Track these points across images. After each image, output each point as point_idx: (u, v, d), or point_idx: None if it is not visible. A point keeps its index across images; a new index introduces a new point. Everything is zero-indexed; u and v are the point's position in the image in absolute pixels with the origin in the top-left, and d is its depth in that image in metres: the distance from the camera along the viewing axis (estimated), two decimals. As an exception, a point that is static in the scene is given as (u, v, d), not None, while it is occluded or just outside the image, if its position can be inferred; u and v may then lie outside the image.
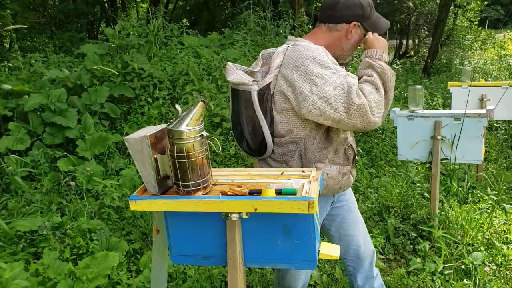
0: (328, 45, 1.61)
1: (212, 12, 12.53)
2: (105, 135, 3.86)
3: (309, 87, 1.45)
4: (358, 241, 1.86)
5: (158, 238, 1.50)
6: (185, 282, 2.36)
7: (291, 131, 1.57)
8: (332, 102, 1.44)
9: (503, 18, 18.67)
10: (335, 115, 1.45)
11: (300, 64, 1.48)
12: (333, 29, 1.62)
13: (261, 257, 1.39)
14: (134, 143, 1.33)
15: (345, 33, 1.62)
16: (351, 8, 1.60)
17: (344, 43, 1.64)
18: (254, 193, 1.31)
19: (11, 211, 2.90)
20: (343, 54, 1.67)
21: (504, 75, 8.31)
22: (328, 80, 1.44)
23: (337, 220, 1.83)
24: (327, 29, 1.63)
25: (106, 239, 2.52)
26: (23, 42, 8.97)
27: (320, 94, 1.44)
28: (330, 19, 1.62)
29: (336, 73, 1.46)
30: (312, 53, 1.48)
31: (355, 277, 1.92)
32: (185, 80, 4.77)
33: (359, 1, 1.61)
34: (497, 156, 4.59)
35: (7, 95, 3.97)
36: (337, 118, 1.45)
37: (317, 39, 1.62)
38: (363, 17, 1.63)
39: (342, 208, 1.83)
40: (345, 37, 1.63)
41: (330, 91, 1.43)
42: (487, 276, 2.43)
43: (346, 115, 1.44)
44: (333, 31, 1.62)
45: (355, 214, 1.87)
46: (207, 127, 4.38)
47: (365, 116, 1.44)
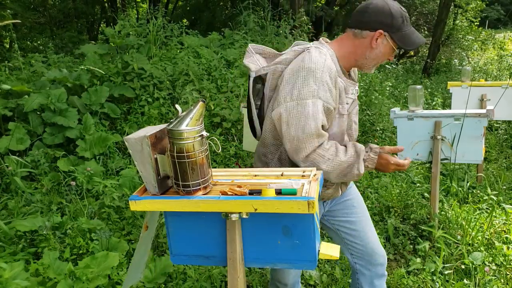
0: (352, 52, 1.59)
1: (212, 12, 12.53)
2: (105, 135, 3.86)
3: (286, 96, 1.49)
4: (366, 237, 1.82)
5: (146, 234, 1.52)
6: (185, 282, 2.36)
7: (274, 130, 1.60)
8: (290, 125, 1.48)
9: (503, 18, 18.67)
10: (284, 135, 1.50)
11: (297, 69, 1.50)
12: (358, 35, 1.57)
13: (261, 257, 1.39)
14: (134, 143, 1.33)
15: (369, 41, 1.56)
16: (379, 15, 1.53)
17: (368, 51, 1.58)
18: (254, 193, 1.31)
19: (11, 211, 2.90)
20: (366, 63, 1.62)
21: (504, 75, 8.31)
22: (303, 100, 1.46)
23: (339, 215, 1.81)
24: (353, 35, 1.59)
25: (106, 239, 2.52)
26: (23, 42, 8.98)
27: (287, 108, 1.48)
28: (356, 24, 1.57)
29: (315, 102, 1.46)
30: (313, 67, 1.47)
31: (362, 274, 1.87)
32: (185, 80, 4.77)
33: (389, 10, 1.53)
34: (497, 156, 4.59)
35: (7, 95, 3.97)
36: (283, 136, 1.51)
37: (342, 46, 1.60)
38: (391, 27, 1.54)
39: (345, 203, 1.81)
40: (369, 45, 1.56)
41: (294, 113, 1.47)
42: (487, 276, 2.43)
43: (288, 142, 1.50)
44: (358, 38, 1.57)
45: (361, 211, 1.84)
46: (207, 127, 4.39)
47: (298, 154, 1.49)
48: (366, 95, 5.40)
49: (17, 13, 8.63)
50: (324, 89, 1.48)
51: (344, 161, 1.52)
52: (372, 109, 5.19)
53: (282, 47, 5.87)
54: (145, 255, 1.60)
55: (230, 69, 5.17)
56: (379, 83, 6.04)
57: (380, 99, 5.44)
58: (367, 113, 5.06)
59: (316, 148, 1.49)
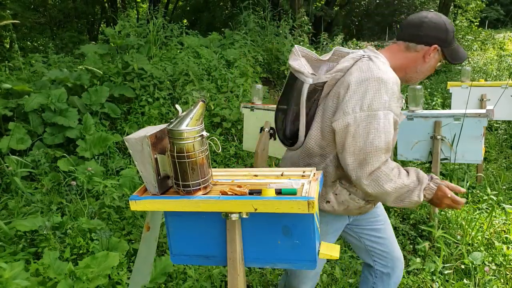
0: (403, 64, 1.57)
1: (212, 12, 12.54)
2: (105, 135, 3.87)
3: (355, 107, 1.41)
4: (391, 244, 1.84)
5: (148, 234, 1.51)
6: (185, 282, 2.36)
7: (321, 140, 1.54)
8: (358, 137, 1.40)
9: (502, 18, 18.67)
10: (348, 147, 1.42)
11: (365, 79, 1.43)
12: (412, 49, 1.56)
13: (261, 257, 1.39)
14: (135, 143, 1.33)
15: (422, 55, 1.56)
16: (436, 30, 1.54)
17: (420, 65, 1.58)
18: (254, 193, 1.31)
19: (11, 211, 2.90)
20: (415, 76, 1.62)
21: (504, 75, 8.31)
22: (374, 112, 1.40)
23: (364, 224, 1.79)
24: (405, 47, 1.57)
25: (106, 239, 2.52)
26: (23, 42, 8.98)
27: (356, 120, 1.40)
28: (411, 37, 1.56)
29: (386, 114, 1.41)
30: (384, 78, 1.43)
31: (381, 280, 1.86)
32: (185, 80, 4.78)
33: (445, 25, 1.54)
34: (497, 156, 4.59)
35: (8, 95, 3.97)
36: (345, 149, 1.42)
37: (394, 57, 1.58)
38: (445, 41, 1.55)
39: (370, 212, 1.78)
40: (422, 59, 1.57)
41: (363, 125, 1.39)
42: (487, 276, 2.44)
43: (352, 155, 1.41)
44: (411, 51, 1.57)
45: (384, 218, 1.85)
46: (207, 127, 4.39)
47: (363, 169, 1.41)
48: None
49: (17, 13, 8.64)
50: (395, 101, 1.45)
51: (406, 184, 1.44)
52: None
53: (282, 47, 5.88)
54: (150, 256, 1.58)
55: (230, 69, 5.17)
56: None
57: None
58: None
59: (382, 165, 1.42)
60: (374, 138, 1.39)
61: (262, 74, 5.69)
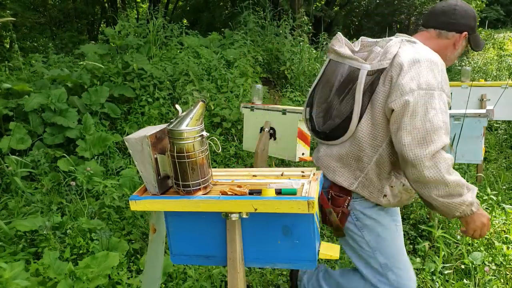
0: (434, 51, 1.55)
1: (212, 12, 12.54)
2: (105, 135, 3.87)
3: (411, 85, 1.38)
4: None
5: (154, 236, 1.51)
6: (185, 282, 2.36)
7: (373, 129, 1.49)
8: (416, 115, 1.36)
9: (503, 18, 18.68)
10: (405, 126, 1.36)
11: (417, 59, 1.41)
12: (443, 36, 1.59)
13: (261, 257, 1.40)
14: (135, 143, 1.33)
15: (453, 42, 1.59)
16: (467, 18, 1.57)
17: (450, 52, 1.60)
18: (254, 193, 1.32)
19: (11, 211, 2.90)
20: (445, 63, 1.58)
21: (504, 75, 8.31)
22: (431, 91, 1.38)
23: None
24: (436, 35, 1.59)
25: (106, 239, 2.52)
26: (23, 42, 8.98)
27: (415, 97, 1.36)
28: (443, 25, 1.58)
29: (440, 94, 1.39)
30: (435, 59, 1.43)
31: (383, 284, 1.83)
32: (185, 80, 4.78)
33: (473, 13, 1.60)
34: (497, 156, 4.59)
35: (8, 95, 3.97)
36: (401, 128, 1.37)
37: (426, 44, 1.56)
38: (473, 29, 1.60)
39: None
40: (453, 46, 1.60)
41: (421, 103, 1.36)
42: (487, 276, 2.44)
43: (409, 134, 1.35)
44: (443, 38, 1.59)
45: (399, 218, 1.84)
46: (207, 127, 4.39)
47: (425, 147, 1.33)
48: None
49: (17, 13, 8.64)
50: (446, 83, 1.45)
51: (462, 182, 1.38)
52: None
53: (282, 47, 5.88)
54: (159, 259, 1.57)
55: (230, 69, 5.17)
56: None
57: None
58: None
59: (444, 148, 1.36)
60: (433, 117, 1.36)
61: (262, 74, 5.69)
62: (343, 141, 1.55)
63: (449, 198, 1.38)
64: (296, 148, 2.96)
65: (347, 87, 1.51)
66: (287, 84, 5.56)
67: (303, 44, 5.94)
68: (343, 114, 1.52)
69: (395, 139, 1.41)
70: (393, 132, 1.42)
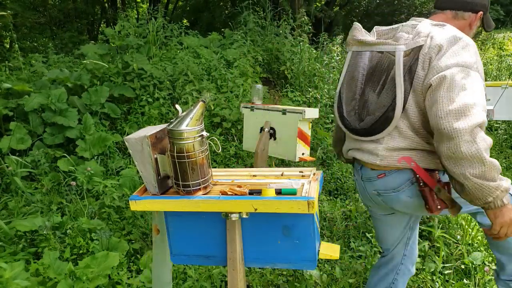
0: None
1: (212, 12, 12.54)
2: (105, 135, 3.87)
3: (448, 62, 1.34)
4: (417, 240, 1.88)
5: (158, 238, 1.50)
6: (185, 282, 2.36)
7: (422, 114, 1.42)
8: (453, 88, 1.30)
9: (503, 18, 18.68)
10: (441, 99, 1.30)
11: (453, 39, 1.38)
12: (460, 17, 1.58)
13: (261, 257, 1.40)
14: (135, 143, 1.33)
15: (469, 23, 1.58)
16: None
17: (466, 32, 1.55)
18: (254, 193, 1.32)
19: (11, 211, 2.90)
20: None
21: (504, 75, 8.31)
22: (468, 69, 1.34)
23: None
24: (453, 16, 1.58)
25: (106, 239, 2.52)
26: (23, 42, 8.98)
27: (452, 73, 1.32)
28: (459, 5, 1.57)
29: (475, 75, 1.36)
30: (468, 41, 1.40)
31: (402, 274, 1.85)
32: (185, 80, 4.78)
33: None
34: (497, 156, 4.59)
35: (8, 95, 3.97)
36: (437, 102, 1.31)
37: None
38: (487, 9, 1.59)
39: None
40: (469, 26, 1.59)
41: (459, 78, 1.32)
42: (487, 276, 2.44)
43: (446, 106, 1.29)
44: (459, 19, 1.58)
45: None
46: (207, 127, 4.39)
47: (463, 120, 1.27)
48: (366, 95, 5.40)
49: (17, 13, 8.64)
50: (481, 65, 1.41)
51: (498, 167, 1.31)
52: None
53: (282, 47, 5.88)
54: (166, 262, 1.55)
55: (230, 69, 5.17)
56: (379, 83, 6.03)
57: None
58: (367, 113, 5.05)
59: (481, 126, 1.29)
60: (470, 92, 1.31)
61: (262, 74, 5.69)
62: (389, 132, 1.47)
63: (483, 180, 1.29)
64: (296, 148, 2.96)
65: (382, 76, 1.46)
66: (287, 84, 5.56)
67: (303, 44, 5.94)
68: (384, 105, 1.45)
69: (430, 113, 1.35)
70: (428, 106, 1.36)
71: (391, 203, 1.60)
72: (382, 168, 1.54)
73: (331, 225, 3.06)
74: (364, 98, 1.53)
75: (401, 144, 1.47)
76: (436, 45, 1.39)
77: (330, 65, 5.75)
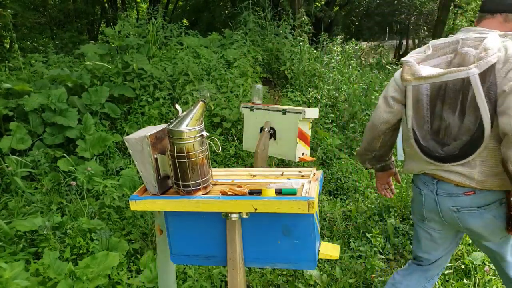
0: None
1: (212, 12, 12.54)
2: (105, 135, 3.87)
3: None
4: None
5: (162, 238, 1.50)
6: (185, 282, 2.36)
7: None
8: None
9: (503, 18, 18.68)
10: None
11: None
12: (510, 19, 1.54)
13: (261, 257, 1.40)
14: (135, 143, 1.33)
15: None
16: None
17: None
18: (254, 193, 1.32)
19: (11, 211, 2.90)
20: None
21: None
22: None
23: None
24: (503, 19, 1.55)
25: (106, 239, 2.52)
26: (23, 42, 8.99)
27: None
28: (509, 8, 1.53)
29: None
30: None
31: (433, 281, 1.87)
32: (185, 80, 4.78)
33: None
34: None
35: (8, 95, 3.97)
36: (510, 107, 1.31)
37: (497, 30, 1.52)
38: None
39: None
40: None
41: None
42: (487, 276, 2.44)
43: None
44: (509, 22, 1.54)
45: None
46: (207, 127, 4.39)
47: None
48: (366, 95, 5.41)
49: (17, 13, 8.64)
50: None
51: None
52: (372, 109, 5.19)
53: (282, 47, 5.87)
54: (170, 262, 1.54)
55: (230, 69, 5.17)
56: (379, 83, 6.04)
57: (380, 99, 5.43)
58: (367, 113, 5.06)
59: None
60: None
61: (262, 74, 5.69)
62: (480, 152, 1.44)
63: None
64: (296, 148, 2.96)
65: (458, 98, 1.43)
66: (287, 84, 5.56)
67: (303, 44, 5.94)
68: (470, 129, 1.42)
69: (501, 120, 1.33)
70: (500, 112, 1.35)
71: (468, 221, 1.55)
72: (472, 187, 1.50)
73: (331, 225, 3.06)
74: (444, 123, 1.48)
75: (495, 169, 1.44)
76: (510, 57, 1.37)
77: (330, 65, 5.75)
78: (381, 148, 1.80)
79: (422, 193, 1.66)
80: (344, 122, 4.95)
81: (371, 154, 1.82)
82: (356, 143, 4.59)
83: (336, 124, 4.83)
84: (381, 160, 1.85)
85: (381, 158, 1.83)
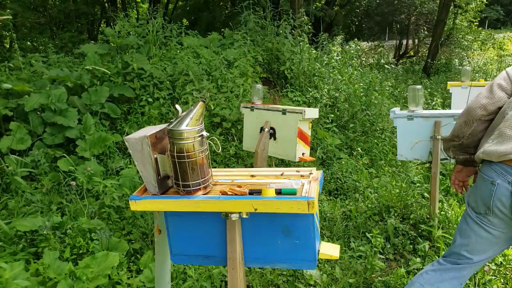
0: None
1: (212, 12, 12.54)
2: (105, 135, 3.87)
3: None
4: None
5: (160, 238, 1.50)
6: (185, 282, 2.36)
7: None
8: None
9: (503, 18, 18.69)
10: None
11: None
12: None
13: (261, 257, 1.40)
14: (135, 143, 1.33)
15: None
16: None
17: None
18: (254, 193, 1.32)
19: (11, 211, 2.90)
20: None
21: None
22: None
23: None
24: None
25: (106, 239, 2.52)
26: (23, 42, 8.99)
27: None
28: None
29: None
30: None
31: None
32: (185, 80, 4.78)
33: None
34: None
35: (8, 95, 3.97)
36: None
37: None
38: None
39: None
40: None
41: None
42: (487, 276, 2.44)
43: None
44: None
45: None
46: (207, 127, 4.39)
47: None
48: (366, 95, 5.41)
49: (17, 13, 8.64)
50: None
51: None
52: (372, 109, 5.19)
53: (282, 47, 5.88)
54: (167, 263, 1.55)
55: (230, 69, 5.17)
56: (379, 83, 6.04)
57: (380, 99, 5.44)
58: (367, 113, 5.06)
59: None
60: None
61: (262, 74, 5.69)
62: None
63: None
64: (296, 148, 2.96)
65: None
66: (287, 84, 5.56)
67: (303, 44, 5.94)
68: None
69: None
70: None
71: None
72: None
73: (331, 225, 3.06)
74: None
75: None
76: None
77: (330, 65, 5.75)
78: (470, 137, 1.73)
79: (494, 183, 1.54)
80: (344, 122, 4.95)
81: (458, 141, 1.76)
82: (356, 143, 4.59)
83: (336, 124, 4.83)
84: (465, 151, 1.79)
85: (466, 149, 1.77)
